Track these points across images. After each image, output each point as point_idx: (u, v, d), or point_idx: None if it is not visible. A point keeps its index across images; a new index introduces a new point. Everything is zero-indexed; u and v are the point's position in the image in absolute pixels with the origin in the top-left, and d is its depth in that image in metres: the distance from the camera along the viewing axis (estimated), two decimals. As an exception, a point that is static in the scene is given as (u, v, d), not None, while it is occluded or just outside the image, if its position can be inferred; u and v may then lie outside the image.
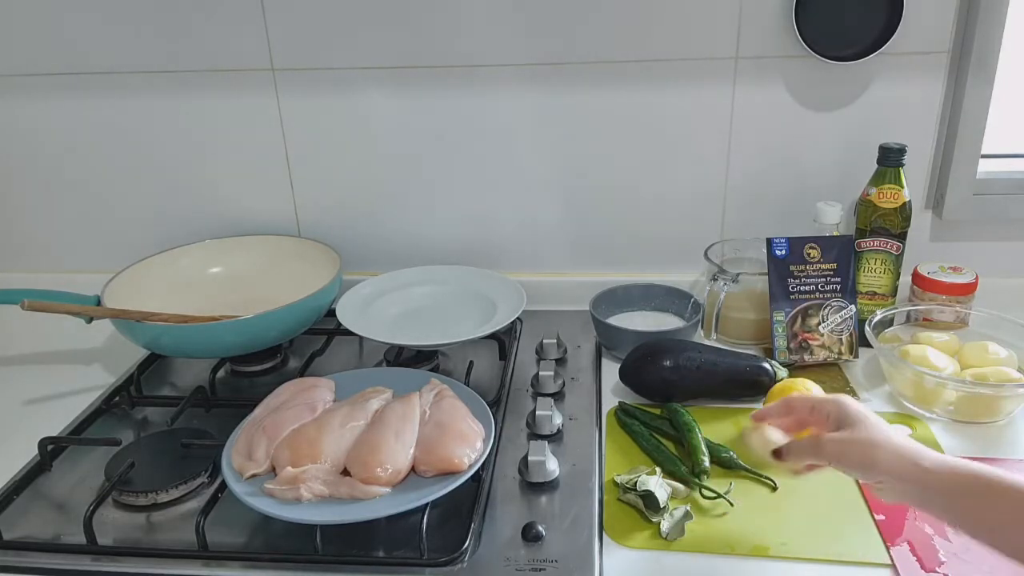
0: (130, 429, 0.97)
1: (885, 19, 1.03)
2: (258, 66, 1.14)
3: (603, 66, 1.10)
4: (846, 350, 1.03)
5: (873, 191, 1.03)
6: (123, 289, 1.07)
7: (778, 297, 1.03)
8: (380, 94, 1.14)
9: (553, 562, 0.72)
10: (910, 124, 1.09)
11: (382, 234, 1.24)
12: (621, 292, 1.15)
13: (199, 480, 0.84)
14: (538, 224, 1.21)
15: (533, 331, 1.13)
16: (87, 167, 1.24)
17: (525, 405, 0.97)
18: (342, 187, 1.21)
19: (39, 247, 1.31)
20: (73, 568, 0.75)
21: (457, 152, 1.17)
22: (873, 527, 0.76)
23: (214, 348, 1.02)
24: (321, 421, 0.82)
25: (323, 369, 1.05)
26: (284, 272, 1.17)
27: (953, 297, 1.05)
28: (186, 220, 1.25)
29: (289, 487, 0.75)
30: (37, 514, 0.82)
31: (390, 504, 0.74)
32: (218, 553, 0.75)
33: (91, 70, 1.17)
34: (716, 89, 1.10)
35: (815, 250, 1.03)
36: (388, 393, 0.89)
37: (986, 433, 0.90)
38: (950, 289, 1.06)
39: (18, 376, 1.11)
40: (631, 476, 0.81)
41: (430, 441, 0.79)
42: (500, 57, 1.11)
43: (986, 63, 1.04)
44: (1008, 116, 1.11)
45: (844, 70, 1.07)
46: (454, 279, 1.16)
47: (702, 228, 1.18)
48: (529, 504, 0.80)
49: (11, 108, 1.21)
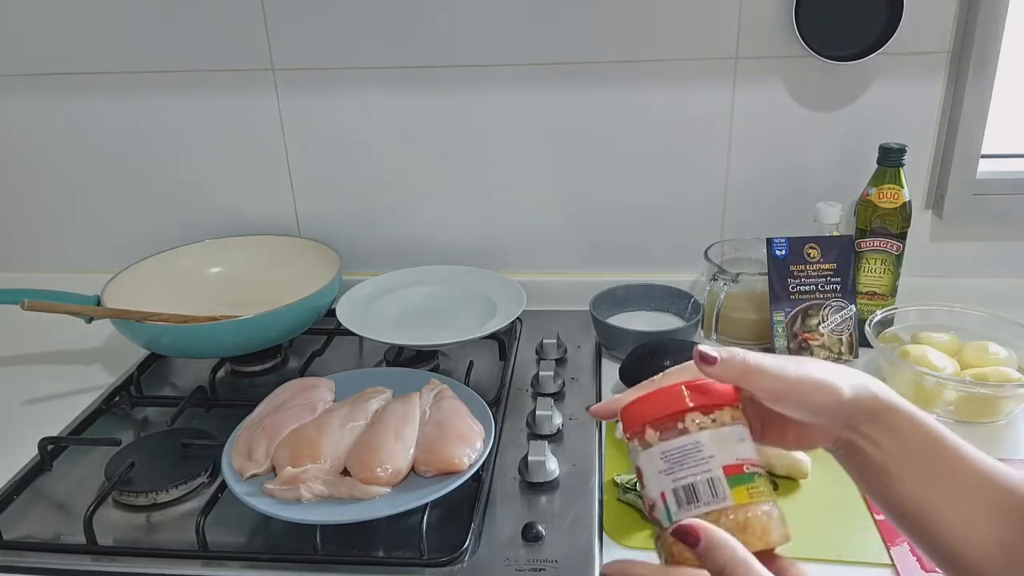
0: (130, 429, 0.97)
1: (885, 19, 1.02)
2: (258, 66, 1.14)
3: (603, 66, 1.10)
4: (846, 350, 1.03)
5: (873, 191, 1.03)
6: (123, 289, 1.07)
7: (778, 297, 1.03)
8: (380, 94, 1.14)
9: (553, 562, 0.72)
10: (910, 124, 1.09)
11: (382, 234, 1.24)
12: (621, 292, 1.15)
13: (199, 480, 0.84)
14: (538, 224, 1.21)
15: (533, 331, 1.13)
16: (87, 167, 1.24)
17: (525, 405, 0.97)
18: (342, 187, 1.21)
19: (39, 247, 1.31)
20: (73, 568, 0.75)
21: (457, 152, 1.17)
22: (873, 527, 0.76)
23: (214, 348, 1.02)
24: (321, 421, 0.82)
25: (323, 369, 1.05)
26: (284, 272, 1.17)
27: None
28: (186, 220, 1.25)
29: (289, 487, 0.75)
30: (37, 514, 0.82)
31: (390, 504, 0.74)
32: (218, 553, 0.75)
33: (91, 70, 1.17)
34: (716, 89, 1.10)
35: (815, 250, 1.03)
36: (388, 393, 0.89)
37: (986, 433, 0.90)
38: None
39: (18, 376, 1.11)
40: (631, 476, 0.81)
41: (430, 441, 0.79)
42: (500, 57, 1.11)
43: (986, 63, 1.04)
44: (1008, 116, 1.11)
45: (844, 70, 1.07)
46: (454, 279, 1.16)
47: (702, 228, 1.18)
48: (529, 504, 0.80)
49: (11, 108, 1.21)
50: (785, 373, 0.49)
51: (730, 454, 0.48)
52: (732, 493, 0.46)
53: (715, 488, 0.47)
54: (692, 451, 0.48)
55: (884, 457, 0.50)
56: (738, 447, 0.48)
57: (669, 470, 0.48)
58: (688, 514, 0.47)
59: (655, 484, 0.49)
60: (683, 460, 0.48)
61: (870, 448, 0.51)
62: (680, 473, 0.47)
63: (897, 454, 0.50)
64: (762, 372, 0.49)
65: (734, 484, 0.47)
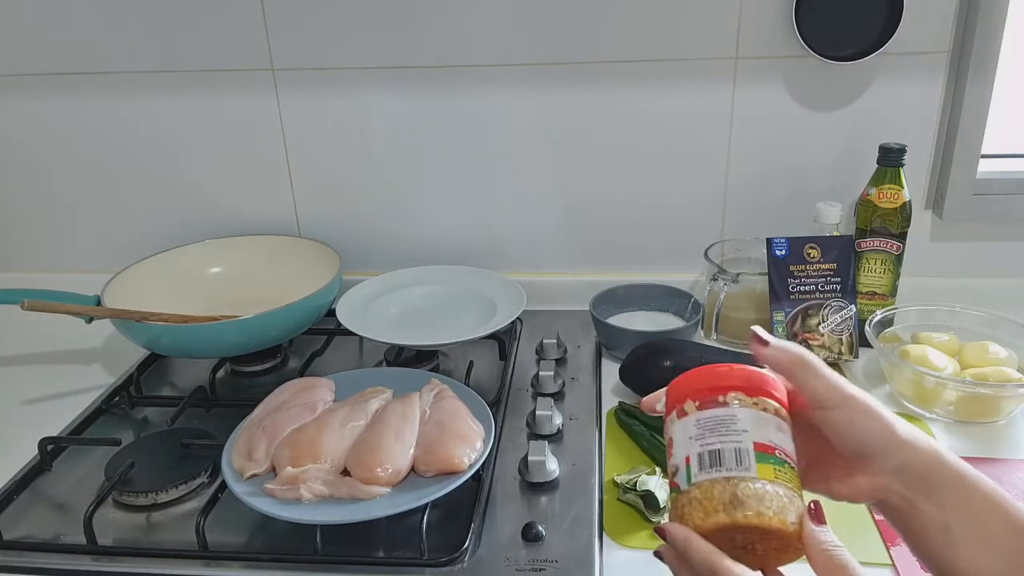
0: (130, 429, 0.96)
1: (885, 19, 1.02)
2: (258, 66, 1.14)
3: (603, 66, 1.10)
4: (846, 350, 1.03)
5: (873, 191, 1.03)
6: (123, 289, 1.07)
7: (778, 297, 1.03)
8: (380, 94, 1.14)
9: (553, 562, 0.72)
10: (910, 124, 1.09)
11: (382, 234, 1.24)
12: (621, 292, 1.15)
13: (199, 480, 0.84)
14: (538, 224, 1.21)
15: (533, 331, 1.13)
16: (87, 167, 1.24)
17: (525, 405, 0.97)
18: (342, 187, 1.21)
19: (39, 247, 1.31)
20: (73, 568, 0.75)
21: (457, 152, 1.17)
22: (873, 527, 0.76)
23: (214, 348, 1.02)
24: (321, 421, 0.82)
25: (323, 369, 1.05)
26: (284, 272, 1.17)
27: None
28: (186, 220, 1.25)
29: (289, 487, 0.75)
30: (37, 514, 0.82)
31: (390, 504, 0.74)
32: (218, 553, 0.75)
33: (91, 70, 1.17)
34: (716, 89, 1.10)
35: (815, 250, 1.03)
36: (388, 393, 0.89)
37: (986, 433, 0.90)
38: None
39: (18, 376, 1.11)
40: (631, 476, 0.81)
41: (430, 441, 0.79)
42: (500, 57, 1.11)
43: (986, 63, 1.04)
44: (1008, 116, 1.11)
45: (844, 70, 1.07)
46: (454, 279, 1.16)
47: (702, 228, 1.18)
48: (529, 504, 0.80)
49: (11, 108, 1.21)
50: (838, 382, 0.48)
51: (764, 435, 0.46)
52: (758, 467, 0.44)
53: (741, 457, 0.45)
54: (727, 421, 0.46)
55: (944, 517, 0.47)
56: (775, 434, 0.46)
57: (700, 436, 0.46)
58: (707, 477, 0.45)
59: (682, 449, 0.47)
60: (716, 428, 0.46)
61: (929, 508, 0.47)
62: (710, 439, 0.46)
63: (958, 517, 0.47)
64: (815, 370, 0.48)
65: (761, 460, 0.45)
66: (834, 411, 0.48)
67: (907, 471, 0.48)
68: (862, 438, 0.48)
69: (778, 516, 0.44)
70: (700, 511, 0.44)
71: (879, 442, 0.47)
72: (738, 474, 0.44)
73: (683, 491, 0.46)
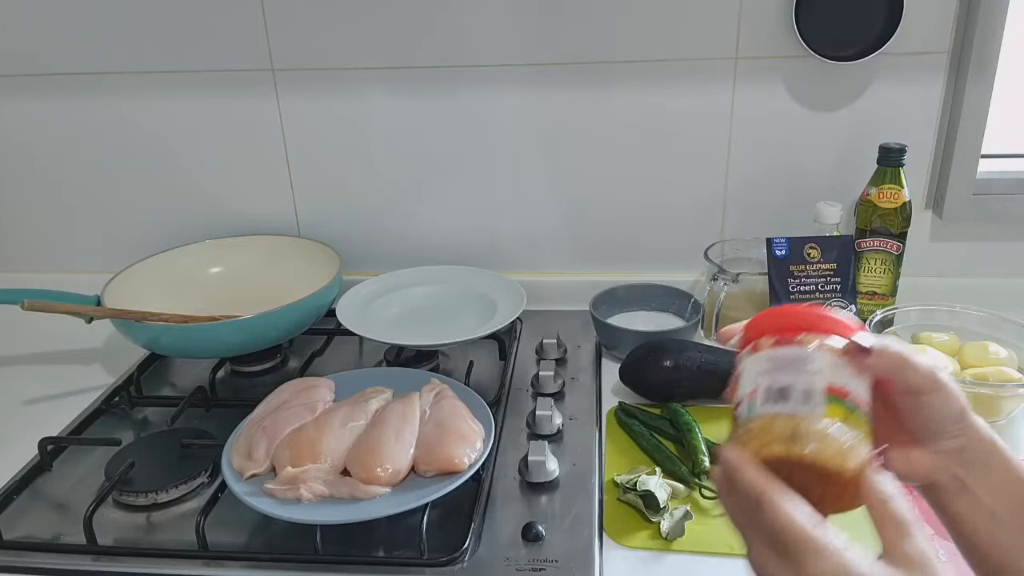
0: (130, 429, 0.96)
1: (885, 19, 1.02)
2: (258, 66, 1.14)
3: (603, 66, 1.10)
4: (846, 350, 1.03)
5: (873, 191, 1.03)
6: (123, 289, 1.07)
7: (778, 297, 1.03)
8: (380, 94, 1.14)
9: (553, 562, 0.72)
10: (910, 124, 1.09)
11: (382, 234, 1.24)
12: (621, 292, 1.15)
13: (199, 480, 0.84)
14: (538, 224, 1.21)
15: (533, 331, 1.13)
16: (87, 167, 1.24)
17: (525, 405, 0.97)
18: (342, 187, 1.21)
19: (39, 247, 1.31)
20: (73, 568, 0.75)
21: (457, 152, 1.17)
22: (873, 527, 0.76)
23: (214, 348, 1.02)
24: (321, 421, 0.82)
25: (323, 369, 1.05)
26: (284, 272, 1.17)
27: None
28: (186, 220, 1.25)
29: (289, 487, 0.75)
30: (37, 514, 0.82)
31: (390, 504, 0.74)
32: (218, 553, 0.75)
33: (91, 70, 1.17)
34: (716, 89, 1.10)
35: (815, 250, 1.03)
36: (388, 393, 0.89)
37: (986, 433, 0.90)
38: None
39: (18, 376, 1.11)
40: (631, 476, 0.81)
41: (430, 441, 0.79)
42: (500, 57, 1.11)
43: (986, 63, 1.04)
44: (1008, 116, 1.11)
45: (844, 70, 1.07)
46: (454, 279, 1.16)
47: (702, 228, 1.18)
48: (529, 504, 0.80)
49: (11, 108, 1.21)
50: (934, 371, 0.47)
51: (839, 379, 0.43)
52: (827, 407, 0.42)
53: (810, 397, 0.42)
54: (800, 360, 0.44)
55: (992, 502, 0.48)
56: (850, 380, 0.44)
57: (770, 371, 0.44)
58: (771, 410, 0.43)
59: (750, 383, 0.44)
60: (788, 366, 0.44)
61: (980, 491, 0.48)
62: (780, 375, 0.43)
63: (1005, 504, 0.48)
64: (915, 366, 0.47)
65: (831, 402, 0.42)
66: (925, 396, 0.48)
67: (966, 453, 0.48)
68: (940, 419, 0.48)
69: (837, 458, 0.42)
70: (757, 442, 0.42)
71: (951, 423, 0.48)
72: (804, 411, 0.43)
73: (742, 422, 0.44)
